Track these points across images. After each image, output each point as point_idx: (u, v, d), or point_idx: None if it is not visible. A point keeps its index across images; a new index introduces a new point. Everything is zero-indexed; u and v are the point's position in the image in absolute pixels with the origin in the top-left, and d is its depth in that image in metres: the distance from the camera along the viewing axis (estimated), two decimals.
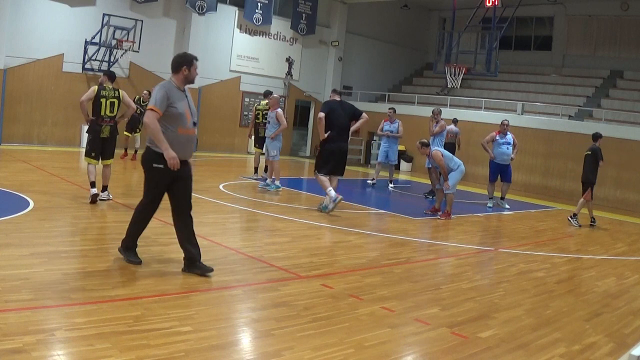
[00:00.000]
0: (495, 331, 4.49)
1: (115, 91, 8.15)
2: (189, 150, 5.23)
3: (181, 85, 5.30)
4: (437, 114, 12.54)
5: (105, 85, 8.15)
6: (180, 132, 5.05)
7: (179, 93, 5.20)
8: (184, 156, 5.12)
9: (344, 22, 21.90)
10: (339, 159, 9.36)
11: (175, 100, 5.07)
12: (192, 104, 5.33)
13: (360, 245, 7.39)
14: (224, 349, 3.67)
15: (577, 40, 21.21)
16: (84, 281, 4.65)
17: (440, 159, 9.89)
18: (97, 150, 8.12)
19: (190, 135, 5.22)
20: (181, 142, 5.06)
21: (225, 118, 19.11)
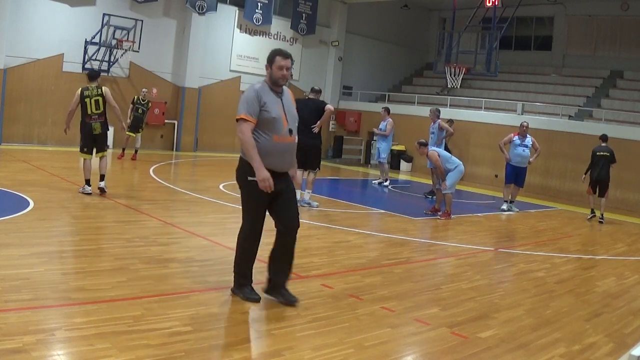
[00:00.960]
0: (495, 331, 4.49)
1: (98, 89, 8.62)
2: (288, 160, 4.58)
3: (274, 85, 4.55)
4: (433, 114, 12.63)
5: (89, 85, 8.65)
6: (276, 140, 4.41)
7: (273, 95, 4.50)
8: (283, 167, 4.53)
9: (344, 22, 21.90)
10: (303, 153, 9.37)
11: (268, 103, 4.41)
12: (290, 108, 4.63)
13: (360, 245, 7.39)
14: (224, 349, 3.67)
15: (577, 40, 21.20)
16: (84, 281, 4.65)
17: (437, 159, 9.89)
18: (89, 146, 8.70)
19: (289, 143, 4.53)
20: (278, 152, 4.45)
21: (225, 118, 19.05)
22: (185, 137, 17.95)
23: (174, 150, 17.75)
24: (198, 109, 18.18)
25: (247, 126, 4.33)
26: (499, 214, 11.61)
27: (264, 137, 4.38)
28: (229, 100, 19.09)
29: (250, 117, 4.34)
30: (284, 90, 4.61)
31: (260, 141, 4.36)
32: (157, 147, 17.43)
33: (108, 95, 8.69)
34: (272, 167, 4.39)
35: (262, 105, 4.37)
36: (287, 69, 4.51)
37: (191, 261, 5.68)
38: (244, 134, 4.31)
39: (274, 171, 4.41)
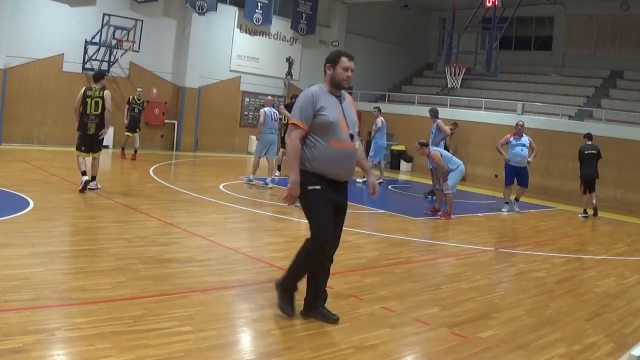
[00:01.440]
0: (495, 331, 4.49)
1: (101, 91, 8.92)
2: (348, 169, 4.25)
3: (332, 88, 4.28)
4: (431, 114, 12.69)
5: (93, 85, 8.98)
6: (334, 146, 4.10)
7: (331, 98, 4.23)
8: (343, 175, 4.24)
9: (344, 22, 21.90)
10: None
11: (325, 106, 4.13)
12: (350, 112, 4.30)
13: (360, 245, 7.39)
14: (224, 349, 3.67)
15: (577, 40, 21.21)
16: (84, 281, 4.65)
17: (439, 159, 9.89)
18: (86, 145, 8.96)
19: (348, 149, 4.18)
20: (337, 159, 4.13)
21: (225, 118, 19.10)
22: (185, 137, 17.96)
23: (174, 150, 17.75)
24: (198, 109, 18.18)
25: (296, 133, 4.08)
26: (499, 214, 11.61)
27: (320, 142, 4.09)
28: (229, 100, 19.12)
29: (301, 123, 4.07)
30: (343, 94, 4.34)
31: (317, 147, 4.09)
32: (157, 147, 17.43)
33: (107, 98, 8.94)
34: (331, 175, 4.15)
35: (318, 110, 4.10)
36: (352, 70, 4.29)
37: (191, 261, 5.68)
38: (292, 140, 4.09)
39: (333, 180, 4.17)
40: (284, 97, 20.16)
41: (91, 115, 8.85)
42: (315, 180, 4.10)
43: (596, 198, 12.17)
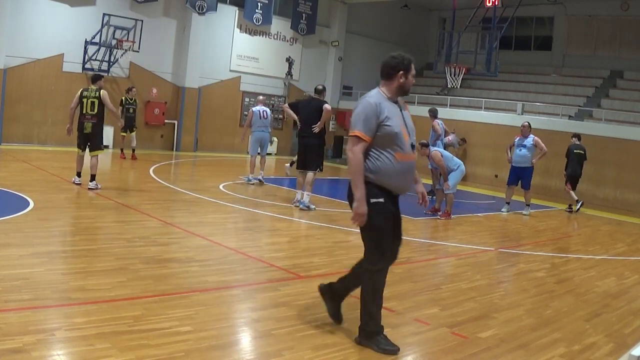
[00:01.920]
0: (495, 331, 4.49)
1: (97, 92, 9.15)
2: (410, 181, 4.07)
3: (394, 96, 3.96)
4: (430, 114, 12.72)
5: (90, 87, 9.25)
6: (400, 159, 3.84)
7: (393, 106, 3.91)
8: (405, 189, 4.02)
9: (344, 22, 21.90)
10: (305, 153, 9.50)
11: (389, 116, 3.82)
12: (409, 120, 4.04)
13: (360, 245, 7.36)
14: (224, 349, 3.67)
15: (577, 40, 21.20)
16: (84, 281, 4.65)
17: (440, 159, 9.89)
18: (83, 143, 9.25)
19: (411, 161, 3.97)
20: (402, 172, 3.89)
21: (225, 118, 19.10)
22: (185, 137, 17.96)
23: (174, 150, 17.75)
24: (198, 109, 18.18)
25: (360, 146, 3.74)
26: (499, 214, 11.61)
27: (385, 155, 3.81)
28: (229, 100, 19.12)
29: (365, 136, 3.75)
30: (399, 100, 4.05)
31: (382, 159, 3.80)
32: (157, 147, 17.43)
33: (105, 98, 9.15)
34: (395, 189, 3.93)
35: (382, 120, 3.78)
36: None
37: (191, 261, 5.68)
38: (355, 154, 3.74)
39: (395, 194, 3.97)
40: (284, 97, 20.17)
41: (87, 115, 9.11)
42: (377, 193, 3.82)
43: (595, 197, 12.47)
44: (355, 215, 3.77)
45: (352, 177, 3.78)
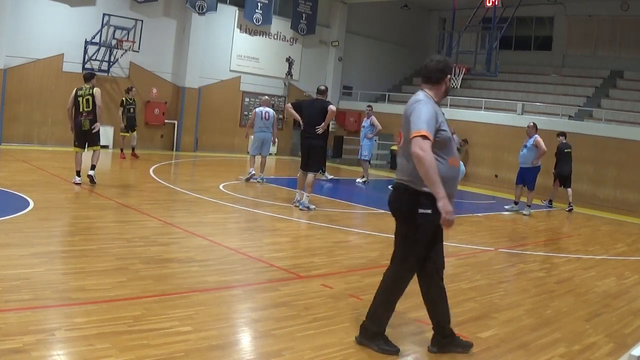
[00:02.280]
0: (495, 331, 4.49)
1: (90, 89, 9.41)
2: (456, 188, 3.94)
3: (439, 100, 3.93)
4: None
5: (83, 85, 9.48)
6: (451, 164, 3.74)
7: (440, 111, 3.84)
8: (452, 196, 3.74)
9: (344, 22, 21.90)
10: (306, 154, 9.51)
11: (442, 120, 3.74)
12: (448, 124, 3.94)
13: (360, 245, 7.39)
14: (224, 349, 3.67)
15: (577, 40, 21.20)
16: (84, 281, 4.65)
17: None
18: (81, 141, 9.44)
19: (459, 167, 3.91)
20: (453, 178, 3.78)
21: (225, 118, 19.10)
22: (185, 137, 17.95)
23: (174, 150, 17.75)
24: (198, 109, 18.18)
25: (429, 144, 3.51)
26: (499, 214, 11.61)
27: (439, 161, 3.62)
28: (229, 100, 19.12)
29: (430, 136, 3.55)
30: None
31: (437, 167, 3.58)
32: (157, 147, 17.43)
33: (97, 96, 9.40)
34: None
35: (439, 125, 3.67)
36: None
37: (191, 261, 5.68)
38: (426, 152, 3.47)
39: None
40: (284, 97, 20.17)
41: (84, 112, 9.35)
42: (427, 203, 3.62)
43: (595, 197, 12.40)
44: (444, 215, 3.51)
45: (429, 177, 3.48)
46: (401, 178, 3.78)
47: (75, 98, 9.36)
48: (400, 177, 3.80)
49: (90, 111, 9.36)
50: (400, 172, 3.81)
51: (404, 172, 3.75)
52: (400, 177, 3.80)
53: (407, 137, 3.65)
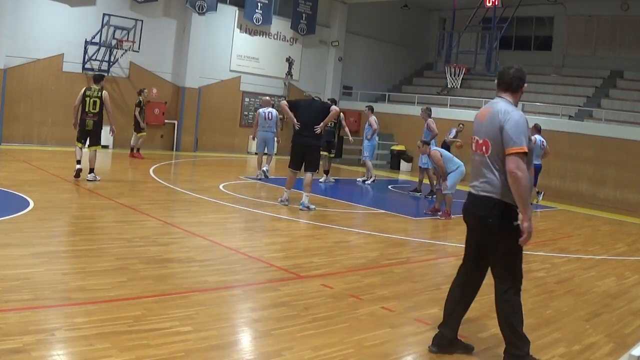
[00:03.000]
0: (495, 331, 4.48)
1: (99, 92, 9.80)
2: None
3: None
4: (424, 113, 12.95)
5: (92, 86, 9.86)
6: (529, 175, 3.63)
7: None
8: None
9: (344, 22, 21.89)
10: (303, 153, 9.50)
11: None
12: None
13: (360, 245, 7.39)
14: (224, 349, 3.67)
15: (577, 40, 21.20)
16: (84, 281, 4.65)
17: (439, 159, 9.89)
18: (83, 138, 9.93)
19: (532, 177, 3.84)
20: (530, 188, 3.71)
21: (225, 118, 19.10)
22: (185, 137, 17.95)
23: (174, 150, 17.75)
24: (198, 109, 18.18)
25: (525, 163, 3.47)
26: None
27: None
28: (229, 100, 19.12)
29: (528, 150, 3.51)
30: None
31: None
32: (157, 147, 17.42)
33: (106, 99, 9.81)
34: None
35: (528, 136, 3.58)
36: None
37: (191, 261, 5.68)
38: (524, 172, 3.43)
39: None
40: (284, 97, 20.16)
41: (89, 113, 9.74)
42: (516, 215, 3.61)
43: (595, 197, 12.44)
44: (527, 235, 3.58)
45: (523, 197, 3.48)
46: (488, 191, 3.65)
47: (83, 97, 9.72)
48: (485, 190, 3.66)
49: (97, 112, 9.77)
50: (486, 185, 3.66)
51: (492, 185, 3.62)
52: (485, 191, 3.66)
53: (498, 150, 3.57)
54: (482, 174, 3.69)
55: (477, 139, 3.77)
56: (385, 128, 19.95)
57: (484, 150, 3.67)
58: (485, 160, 3.66)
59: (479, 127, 3.77)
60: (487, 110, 3.76)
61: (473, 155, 3.83)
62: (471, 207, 3.81)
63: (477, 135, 3.77)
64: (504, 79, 3.81)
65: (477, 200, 3.72)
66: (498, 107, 3.68)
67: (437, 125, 12.94)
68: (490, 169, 3.64)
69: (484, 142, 3.67)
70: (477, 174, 3.75)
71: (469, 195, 3.85)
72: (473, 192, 3.77)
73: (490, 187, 3.64)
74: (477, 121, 3.82)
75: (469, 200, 3.85)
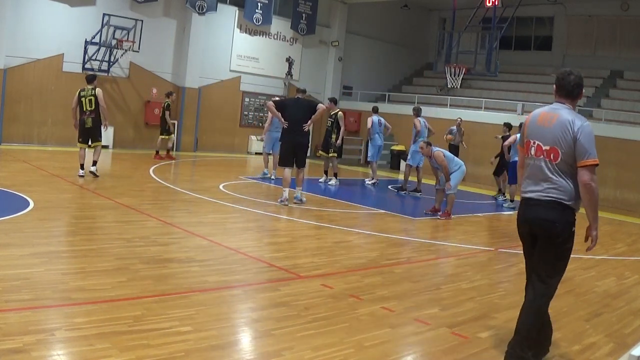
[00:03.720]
0: (495, 331, 4.49)
1: (92, 90, 10.21)
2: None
3: None
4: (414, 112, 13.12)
5: (86, 87, 10.22)
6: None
7: None
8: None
9: (344, 22, 21.89)
10: (293, 151, 9.70)
11: None
12: None
13: (360, 245, 7.39)
14: (224, 349, 3.67)
15: (577, 40, 21.20)
16: (84, 281, 4.65)
17: (442, 159, 9.89)
18: (84, 137, 10.24)
19: None
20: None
21: (225, 118, 19.10)
22: (185, 137, 17.95)
23: (174, 150, 17.73)
24: (198, 109, 18.18)
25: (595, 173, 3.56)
26: (499, 214, 11.61)
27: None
28: (229, 100, 19.11)
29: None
30: None
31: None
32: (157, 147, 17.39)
33: (99, 96, 10.19)
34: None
35: None
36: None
37: (191, 261, 5.68)
38: (597, 184, 3.55)
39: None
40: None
41: (87, 111, 10.13)
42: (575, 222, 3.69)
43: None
44: (594, 243, 3.68)
45: (595, 207, 3.55)
46: (557, 196, 3.65)
47: (79, 98, 10.13)
48: (554, 195, 3.65)
49: (93, 110, 10.14)
50: (555, 190, 3.65)
51: (563, 190, 3.64)
52: (554, 195, 3.65)
53: (569, 158, 3.60)
54: (548, 179, 3.68)
55: (538, 144, 3.72)
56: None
57: (552, 157, 3.67)
58: (553, 166, 3.67)
59: (543, 132, 3.70)
60: (551, 116, 3.71)
61: (529, 159, 3.78)
62: (534, 212, 3.73)
63: (541, 140, 3.71)
64: (566, 86, 3.76)
65: (543, 204, 3.68)
66: (566, 116, 3.65)
67: (436, 125, 13.05)
68: (559, 175, 3.66)
69: (552, 149, 3.66)
70: (540, 179, 3.71)
71: (528, 200, 3.77)
72: (536, 197, 3.71)
73: (559, 192, 3.64)
74: (539, 126, 3.74)
75: (529, 205, 3.77)
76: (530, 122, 3.83)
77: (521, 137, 3.91)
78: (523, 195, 3.83)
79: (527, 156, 3.81)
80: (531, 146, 3.76)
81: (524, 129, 3.87)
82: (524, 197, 3.82)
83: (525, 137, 3.84)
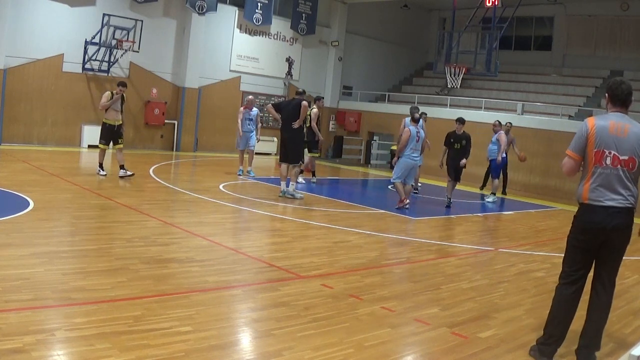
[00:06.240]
0: (495, 331, 4.49)
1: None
2: None
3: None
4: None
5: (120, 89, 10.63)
6: None
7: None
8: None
9: (344, 22, 21.89)
10: (283, 145, 10.59)
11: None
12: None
13: (360, 245, 7.39)
14: (224, 349, 3.67)
15: (577, 40, 21.20)
16: (84, 281, 4.65)
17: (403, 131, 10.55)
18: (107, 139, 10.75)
19: None
20: None
21: (225, 118, 19.07)
22: (185, 137, 17.95)
23: (174, 150, 17.75)
24: (198, 109, 18.18)
25: None
26: (499, 214, 11.61)
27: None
28: (229, 100, 19.10)
29: None
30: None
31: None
32: (157, 147, 17.42)
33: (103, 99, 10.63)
34: None
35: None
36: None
37: (191, 261, 5.68)
38: None
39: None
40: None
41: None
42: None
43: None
44: None
45: None
46: (632, 203, 3.87)
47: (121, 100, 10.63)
48: (630, 202, 3.86)
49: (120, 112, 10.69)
50: (631, 197, 3.85)
51: (635, 198, 3.88)
52: (630, 203, 3.86)
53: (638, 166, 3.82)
54: (626, 187, 3.83)
55: (615, 154, 3.81)
56: (385, 128, 19.97)
57: (630, 166, 3.81)
58: (630, 175, 3.83)
59: (619, 142, 3.80)
60: (622, 125, 3.82)
61: (604, 169, 3.84)
62: (616, 219, 3.85)
63: (617, 151, 3.80)
64: (619, 96, 3.89)
65: (624, 211, 3.85)
66: (638, 126, 3.85)
67: (436, 125, 13.07)
68: (633, 183, 3.86)
69: (631, 159, 3.80)
70: (619, 187, 3.83)
71: (607, 208, 3.84)
72: (616, 205, 3.83)
73: (633, 199, 3.87)
74: (614, 136, 3.81)
75: (609, 212, 3.85)
76: (601, 132, 3.84)
77: (578, 144, 3.96)
78: (599, 204, 3.85)
79: (599, 165, 3.84)
80: (606, 156, 3.82)
81: (590, 137, 3.86)
82: (601, 206, 3.84)
83: (593, 146, 3.85)
